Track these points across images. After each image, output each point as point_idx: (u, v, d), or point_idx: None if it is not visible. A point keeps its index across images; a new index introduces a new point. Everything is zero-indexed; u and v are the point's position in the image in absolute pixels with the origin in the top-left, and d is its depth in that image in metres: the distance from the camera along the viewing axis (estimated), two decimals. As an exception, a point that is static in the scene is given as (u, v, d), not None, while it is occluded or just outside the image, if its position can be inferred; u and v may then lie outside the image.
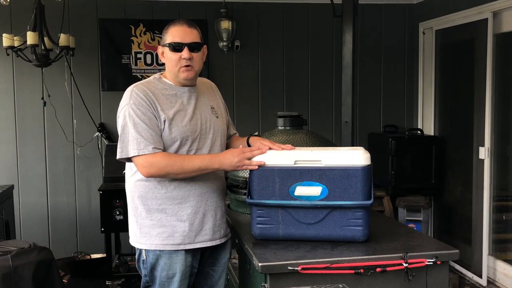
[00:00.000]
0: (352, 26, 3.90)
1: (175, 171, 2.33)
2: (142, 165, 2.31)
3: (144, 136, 2.30)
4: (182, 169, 2.32)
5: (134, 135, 2.30)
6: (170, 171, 2.32)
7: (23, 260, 3.06)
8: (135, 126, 2.31)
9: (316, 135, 3.14)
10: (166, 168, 2.31)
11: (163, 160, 2.30)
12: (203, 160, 2.36)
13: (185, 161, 2.33)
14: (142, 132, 2.30)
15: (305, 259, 2.19)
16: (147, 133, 2.31)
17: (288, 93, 5.48)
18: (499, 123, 4.41)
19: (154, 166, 2.30)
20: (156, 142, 2.32)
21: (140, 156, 2.30)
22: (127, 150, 2.32)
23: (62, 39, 4.22)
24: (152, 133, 2.31)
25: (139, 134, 2.30)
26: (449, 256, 2.33)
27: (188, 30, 2.41)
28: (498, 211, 4.47)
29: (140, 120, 2.31)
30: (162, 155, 2.32)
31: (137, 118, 2.31)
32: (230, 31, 5.20)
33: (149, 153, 2.29)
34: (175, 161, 2.32)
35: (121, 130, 2.36)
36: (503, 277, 4.30)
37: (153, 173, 2.32)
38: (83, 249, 5.21)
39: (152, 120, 2.33)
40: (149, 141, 2.30)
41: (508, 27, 4.29)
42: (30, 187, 5.14)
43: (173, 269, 2.41)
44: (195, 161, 2.35)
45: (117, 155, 2.36)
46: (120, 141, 2.35)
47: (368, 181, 2.36)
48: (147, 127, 2.31)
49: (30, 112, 5.11)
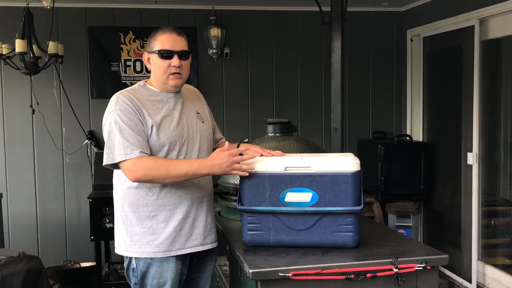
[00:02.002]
0: (340, 33, 3.93)
1: (161, 175, 2.28)
2: (128, 169, 2.28)
3: (131, 141, 2.28)
4: (167, 173, 2.28)
5: (120, 141, 2.28)
6: (156, 175, 2.28)
7: (12, 269, 3.04)
8: (121, 132, 2.29)
9: (305, 142, 3.14)
10: (152, 171, 2.27)
11: (148, 163, 2.28)
12: (190, 166, 2.32)
13: (171, 165, 2.30)
14: (129, 138, 2.28)
15: (296, 265, 2.19)
16: (134, 138, 2.29)
17: (278, 100, 5.50)
18: (487, 129, 4.45)
19: (140, 169, 2.27)
20: (143, 146, 2.30)
21: (127, 161, 2.28)
22: (113, 156, 2.29)
23: (51, 47, 4.21)
24: (138, 138, 2.30)
25: (125, 139, 2.28)
26: (439, 261, 2.34)
27: (178, 38, 2.42)
28: (487, 216, 4.50)
29: (126, 125, 2.30)
30: (148, 158, 2.29)
31: (123, 124, 2.30)
32: (220, 38, 5.21)
33: (135, 157, 2.27)
34: (161, 164, 2.29)
35: (107, 137, 2.34)
36: (492, 281, 4.32)
37: (139, 177, 2.29)
38: (72, 257, 5.17)
39: (138, 125, 2.32)
40: (136, 146, 2.28)
41: (494, 34, 4.34)
42: (19, 195, 5.10)
43: (164, 277, 2.40)
44: (182, 166, 2.31)
45: (104, 161, 2.34)
46: (106, 147, 2.34)
47: (358, 187, 2.38)
48: (133, 133, 2.30)
49: (18, 120, 5.08)
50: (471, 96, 4.44)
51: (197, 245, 2.47)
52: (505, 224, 4.43)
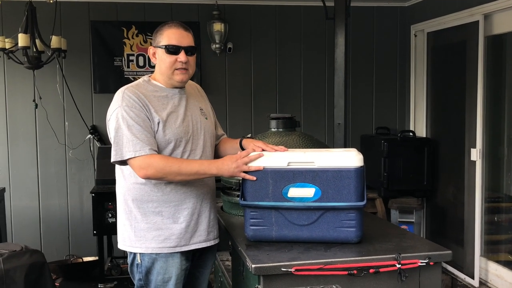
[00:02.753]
0: (344, 28, 3.92)
1: (173, 173, 2.29)
2: (139, 166, 2.27)
3: (140, 138, 2.27)
4: (179, 171, 2.29)
5: (129, 137, 2.27)
6: (167, 173, 2.28)
7: (15, 263, 3.05)
8: (129, 128, 2.27)
9: (309, 137, 3.14)
10: (164, 170, 2.27)
11: (161, 162, 2.27)
12: (201, 165, 2.34)
13: (183, 164, 2.31)
14: (137, 134, 2.27)
15: (298, 260, 2.19)
16: (142, 134, 2.28)
17: (281, 95, 5.49)
18: (491, 125, 4.44)
19: (152, 167, 2.26)
20: (152, 143, 2.29)
21: (136, 158, 2.26)
22: (122, 153, 2.28)
23: (54, 41, 4.20)
24: (147, 135, 2.29)
25: (134, 135, 2.27)
26: (441, 257, 2.33)
27: (185, 33, 2.41)
28: (490, 213, 4.49)
29: (134, 122, 2.28)
30: (159, 157, 2.29)
31: (131, 120, 2.28)
32: (223, 33, 5.20)
33: (145, 154, 2.26)
34: (173, 163, 2.30)
35: (115, 133, 2.32)
36: (495, 278, 4.31)
37: (150, 174, 2.28)
38: (75, 252, 5.18)
39: (146, 121, 2.31)
40: (145, 143, 2.27)
41: (498, 30, 4.32)
42: (21, 190, 5.11)
43: (169, 273, 2.40)
44: (193, 165, 2.33)
45: (112, 158, 2.32)
46: (114, 143, 2.31)
47: (361, 182, 2.37)
48: (141, 129, 2.28)
49: (21, 114, 5.08)
50: (475, 92, 4.42)
51: (201, 241, 2.47)
52: (508, 220, 4.42)
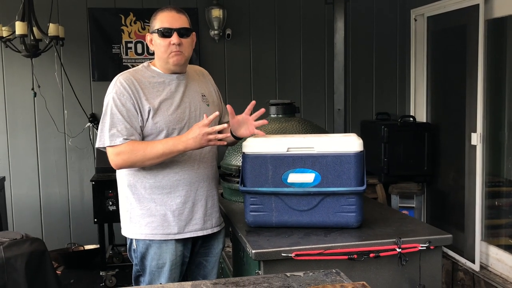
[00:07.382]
0: (343, 13, 3.90)
1: (140, 160, 2.29)
2: (110, 156, 2.32)
3: (118, 128, 2.29)
4: (145, 156, 2.28)
5: (108, 126, 2.30)
6: (134, 160, 2.29)
7: (16, 251, 3.05)
8: (112, 117, 2.30)
9: (308, 123, 3.13)
10: (130, 158, 2.28)
11: (126, 149, 2.28)
12: (165, 144, 2.29)
13: (147, 148, 2.29)
14: (117, 123, 2.29)
15: (298, 245, 2.20)
16: (122, 125, 2.29)
17: (280, 81, 5.46)
18: (491, 109, 4.42)
19: (119, 157, 2.29)
20: (129, 134, 2.30)
21: (111, 147, 2.30)
22: (102, 140, 2.32)
23: (52, 29, 4.18)
24: (126, 125, 2.30)
25: (113, 125, 2.29)
26: (442, 241, 2.33)
27: (177, 15, 2.38)
28: (491, 197, 4.48)
29: (117, 110, 2.30)
30: (127, 144, 2.29)
31: (115, 108, 2.30)
32: (221, 19, 5.16)
33: (117, 145, 2.28)
34: (138, 149, 2.29)
35: (101, 119, 2.36)
36: (495, 262, 4.32)
37: (120, 163, 2.31)
38: (76, 240, 5.19)
39: (130, 111, 2.31)
40: (121, 133, 2.29)
41: (499, 13, 4.28)
42: (21, 179, 5.11)
43: (163, 259, 2.40)
44: (157, 146, 2.29)
45: (96, 143, 2.37)
46: (99, 130, 2.35)
47: (361, 167, 2.36)
48: (122, 119, 2.30)
49: (20, 103, 5.06)
50: (475, 76, 4.40)
51: (196, 230, 2.46)
52: (508, 204, 4.41)
